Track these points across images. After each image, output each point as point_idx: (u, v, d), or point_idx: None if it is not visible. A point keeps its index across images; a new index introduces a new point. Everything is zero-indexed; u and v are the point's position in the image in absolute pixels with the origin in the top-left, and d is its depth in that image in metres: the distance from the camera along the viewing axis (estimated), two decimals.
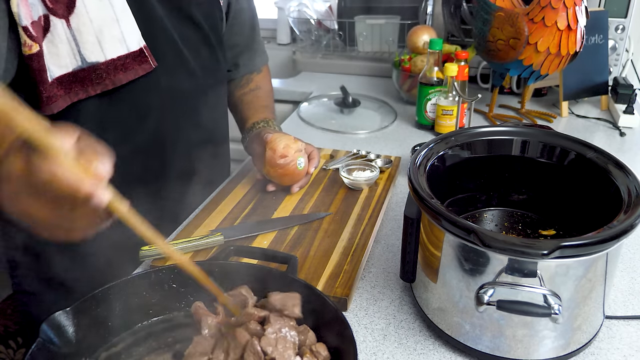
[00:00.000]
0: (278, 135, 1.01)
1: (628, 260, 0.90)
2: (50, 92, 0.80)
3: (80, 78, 0.83)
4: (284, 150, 0.98)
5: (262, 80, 1.24)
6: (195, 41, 0.98)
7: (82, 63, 0.82)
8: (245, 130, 1.15)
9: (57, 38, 0.79)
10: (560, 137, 0.82)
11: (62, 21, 0.79)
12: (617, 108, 1.44)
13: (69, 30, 0.79)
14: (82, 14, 0.80)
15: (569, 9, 1.17)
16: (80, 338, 0.64)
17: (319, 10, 1.99)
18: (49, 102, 0.80)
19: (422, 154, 0.77)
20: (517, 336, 0.66)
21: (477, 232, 0.61)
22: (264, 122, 1.12)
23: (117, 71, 0.85)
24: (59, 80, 0.81)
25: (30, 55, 0.77)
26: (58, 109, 0.82)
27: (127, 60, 0.86)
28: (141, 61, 0.87)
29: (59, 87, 0.81)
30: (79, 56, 0.82)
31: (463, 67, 1.32)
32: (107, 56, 0.83)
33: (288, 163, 0.99)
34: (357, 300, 0.81)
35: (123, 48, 0.85)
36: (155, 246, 0.66)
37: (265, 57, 1.26)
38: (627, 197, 0.68)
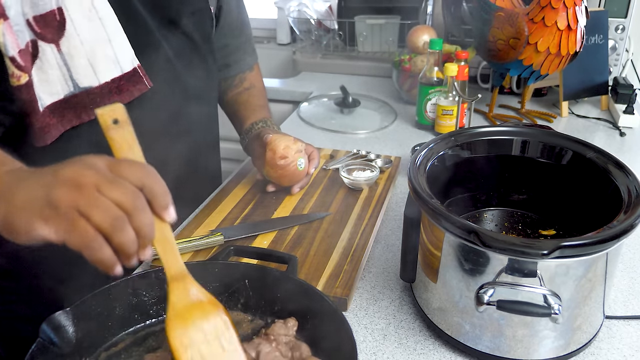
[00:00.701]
0: (278, 136, 1.01)
1: (628, 260, 0.90)
2: (43, 122, 0.76)
3: (73, 104, 0.78)
4: (284, 151, 0.98)
5: (255, 78, 1.22)
6: (188, 53, 0.95)
7: (74, 89, 0.78)
8: (243, 131, 1.14)
9: (47, 64, 0.74)
10: (560, 137, 0.82)
11: (51, 46, 0.74)
12: (617, 108, 1.44)
13: (60, 54, 0.75)
14: (72, 36, 0.76)
15: (569, 9, 1.17)
16: (80, 338, 0.64)
17: (319, 10, 1.99)
18: (42, 132, 0.76)
19: (422, 154, 0.77)
20: (517, 336, 0.66)
21: (477, 232, 0.61)
22: (262, 122, 1.12)
23: (112, 94, 0.81)
24: (50, 109, 0.77)
25: (19, 86, 0.72)
26: (52, 139, 0.78)
27: (122, 82, 0.82)
28: (135, 82, 0.83)
29: (51, 116, 0.77)
30: (70, 82, 0.77)
31: (463, 67, 1.32)
32: (100, 80, 0.79)
33: (288, 164, 0.99)
34: (357, 300, 0.81)
35: (117, 69, 0.81)
36: None
37: (255, 56, 1.22)
38: (627, 197, 0.68)
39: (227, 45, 1.13)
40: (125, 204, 0.48)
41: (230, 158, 1.86)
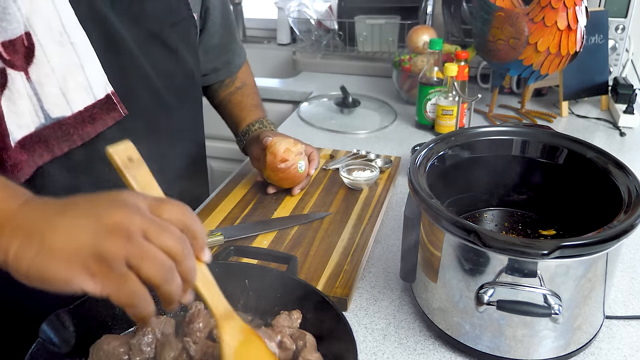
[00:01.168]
0: (278, 139, 1.00)
1: (628, 260, 0.90)
2: (15, 158, 0.69)
3: (45, 137, 0.72)
4: (284, 155, 0.98)
5: (245, 75, 1.19)
6: (169, 67, 0.90)
7: (45, 120, 0.71)
8: (240, 132, 1.12)
9: (16, 94, 0.68)
10: (560, 137, 0.82)
11: (20, 74, 0.68)
12: (617, 108, 1.44)
13: (29, 83, 0.69)
14: (42, 63, 0.70)
15: (569, 9, 1.17)
16: (80, 338, 0.64)
17: (319, 10, 1.99)
18: (15, 170, 0.69)
19: (422, 154, 0.77)
20: (517, 336, 0.66)
21: (477, 232, 0.61)
22: (258, 122, 1.11)
23: (85, 124, 0.75)
24: (21, 144, 0.70)
25: None
26: (25, 176, 0.71)
27: (95, 111, 0.76)
28: (109, 109, 0.78)
29: (22, 152, 0.70)
30: (41, 112, 0.71)
31: (463, 67, 1.32)
32: (73, 109, 0.73)
33: (289, 167, 0.99)
34: (357, 300, 0.81)
35: (90, 97, 0.75)
36: None
37: (243, 54, 1.19)
38: (627, 197, 0.68)
39: (213, 46, 1.09)
40: (174, 252, 0.46)
41: (230, 158, 1.86)
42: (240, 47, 1.17)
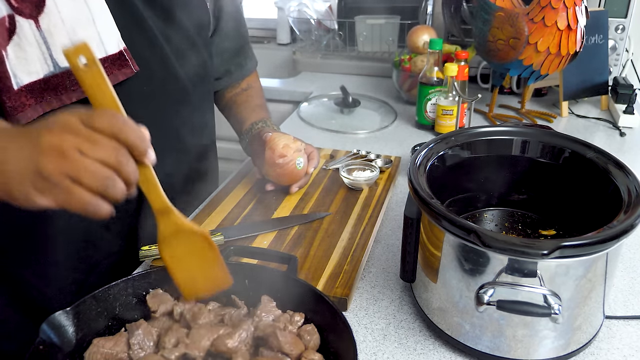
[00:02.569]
0: (277, 135, 1.01)
1: (628, 260, 0.90)
2: (17, 101, 0.72)
3: (54, 85, 0.75)
4: (283, 150, 0.98)
5: (252, 79, 1.21)
6: (181, 44, 0.92)
7: (54, 68, 0.74)
8: (243, 131, 1.13)
9: (25, 41, 0.71)
10: (560, 137, 0.82)
11: (29, 22, 0.71)
12: (617, 108, 1.44)
13: (39, 31, 0.72)
14: (52, 13, 0.72)
15: (569, 9, 1.17)
16: (80, 338, 0.64)
17: (319, 10, 1.99)
18: (14, 112, 0.72)
19: (422, 154, 0.77)
20: (517, 336, 0.66)
21: (477, 232, 0.61)
22: (262, 122, 1.12)
23: None
24: (28, 89, 0.73)
25: None
26: (26, 119, 0.74)
27: (106, 65, 0.78)
28: (121, 65, 0.80)
29: (29, 96, 0.73)
30: (50, 61, 0.74)
31: (463, 67, 1.32)
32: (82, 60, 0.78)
33: (287, 163, 0.99)
34: (357, 300, 0.81)
35: (100, 51, 0.77)
36: None
37: (255, 60, 1.22)
38: (627, 197, 0.68)
39: (227, 49, 1.11)
40: (110, 161, 0.51)
41: (230, 158, 1.86)
42: (252, 53, 1.20)
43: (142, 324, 0.65)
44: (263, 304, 0.67)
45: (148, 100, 0.88)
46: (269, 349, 0.62)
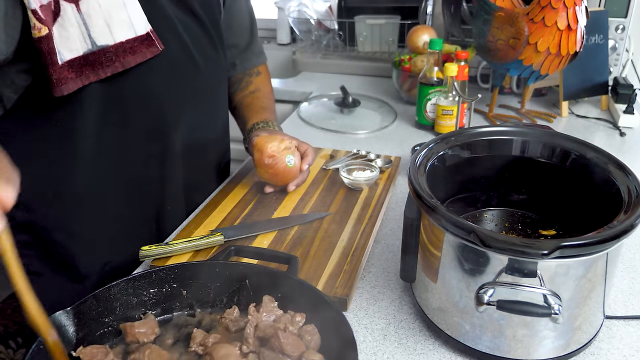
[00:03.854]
0: (265, 136, 1.02)
1: (628, 260, 0.90)
2: (61, 74, 0.82)
3: (91, 61, 0.85)
4: (270, 150, 0.99)
5: (262, 82, 1.25)
6: (195, 30, 1.00)
7: (92, 46, 0.84)
8: (245, 131, 1.16)
9: (68, 22, 0.81)
10: (560, 137, 0.82)
11: (72, 5, 0.81)
12: (617, 108, 1.44)
13: (79, 14, 0.82)
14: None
15: (569, 9, 1.17)
16: (81, 338, 0.64)
17: (319, 10, 1.99)
18: (58, 84, 0.82)
19: (422, 154, 0.77)
20: (517, 336, 0.66)
21: (477, 232, 0.61)
22: (263, 122, 1.12)
23: (126, 54, 0.87)
24: (69, 64, 0.83)
25: (40, 38, 0.79)
26: (68, 90, 0.84)
27: (135, 44, 0.88)
28: (149, 44, 0.89)
29: (70, 70, 0.83)
30: (89, 39, 0.84)
31: (463, 67, 1.32)
32: (116, 39, 0.86)
33: (277, 162, 0.99)
34: (357, 300, 0.81)
35: (131, 32, 0.87)
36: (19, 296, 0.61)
37: (263, 57, 1.27)
38: (627, 197, 0.68)
39: (237, 45, 1.19)
40: None
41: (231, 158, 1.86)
42: (260, 51, 1.27)
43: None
44: (264, 304, 0.68)
45: (169, 76, 0.96)
46: (270, 350, 0.62)
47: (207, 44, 1.03)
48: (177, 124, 0.99)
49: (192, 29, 0.99)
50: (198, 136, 1.06)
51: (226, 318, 0.68)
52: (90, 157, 0.91)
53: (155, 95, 0.95)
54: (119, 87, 0.89)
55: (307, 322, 0.66)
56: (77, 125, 0.89)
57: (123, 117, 0.92)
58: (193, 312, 0.72)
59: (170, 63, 0.95)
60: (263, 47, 1.30)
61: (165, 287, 0.71)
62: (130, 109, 0.93)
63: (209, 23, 1.03)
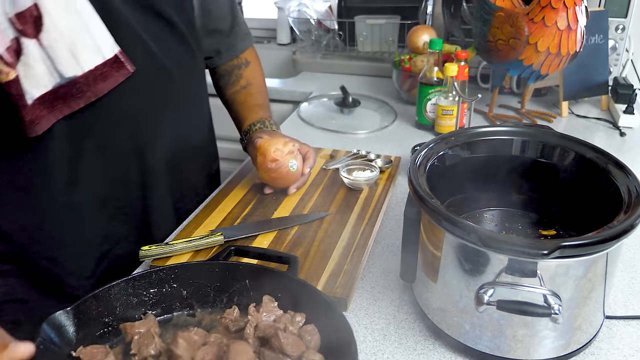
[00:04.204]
0: (268, 139, 1.01)
1: (628, 260, 0.90)
2: (33, 114, 0.79)
3: (62, 94, 0.81)
4: (274, 154, 0.98)
5: (252, 74, 1.20)
6: (168, 39, 0.95)
7: (60, 79, 0.80)
8: (242, 132, 1.14)
9: (32, 59, 0.77)
10: (560, 137, 0.82)
11: (33, 41, 0.77)
12: (617, 108, 1.44)
13: (42, 48, 0.77)
14: (51, 30, 0.77)
15: (569, 9, 1.17)
16: (81, 338, 0.64)
17: (319, 10, 1.99)
18: (32, 124, 0.79)
19: (422, 154, 0.77)
20: (517, 336, 0.66)
21: (477, 232, 0.61)
22: (260, 122, 1.11)
23: (97, 82, 0.83)
24: (40, 101, 0.79)
25: (8, 82, 0.75)
26: (42, 129, 0.81)
27: (105, 69, 0.83)
28: (119, 67, 0.85)
29: (42, 108, 0.80)
30: (56, 73, 0.79)
31: (463, 67, 1.32)
32: (84, 68, 0.81)
33: (280, 167, 0.99)
34: (357, 300, 0.81)
35: (99, 57, 0.82)
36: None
37: (249, 40, 1.20)
38: (627, 197, 0.68)
39: (218, 30, 1.11)
40: None
41: (230, 158, 1.86)
42: (245, 33, 1.18)
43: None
44: (264, 304, 0.68)
45: (144, 94, 0.92)
46: (271, 350, 0.62)
47: (182, 50, 0.98)
48: (156, 140, 0.96)
49: (164, 38, 0.94)
50: (181, 146, 1.03)
51: (226, 318, 0.68)
52: (67, 185, 0.88)
53: (130, 116, 0.91)
54: (90, 114, 0.85)
55: (307, 322, 0.66)
56: (50, 157, 0.85)
57: (97, 143, 0.88)
58: (193, 312, 0.72)
59: (143, 80, 0.90)
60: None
61: (165, 287, 0.71)
62: (104, 134, 0.89)
63: (184, 27, 0.97)
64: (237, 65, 1.18)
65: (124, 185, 0.94)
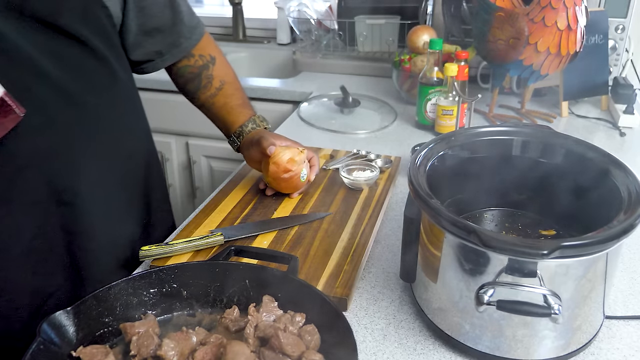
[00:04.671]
0: (281, 148, 0.99)
1: (628, 260, 0.90)
2: None
3: None
4: (288, 165, 0.98)
5: (222, 71, 1.09)
6: (77, 60, 0.80)
7: None
8: (232, 134, 1.07)
9: None
10: (560, 137, 0.82)
11: None
12: (617, 108, 1.44)
13: None
14: None
15: (569, 9, 1.17)
16: (81, 338, 0.64)
17: (319, 10, 1.99)
18: None
19: (422, 154, 0.77)
20: (517, 336, 0.66)
21: (477, 232, 0.61)
22: (251, 122, 1.06)
23: None
24: None
25: None
26: None
27: None
28: (6, 113, 0.70)
29: None
30: None
31: (463, 67, 1.32)
32: None
33: (292, 177, 0.99)
34: (357, 300, 0.81)
35: None
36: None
37: (197, 32, 1.03)
38: (627, 197, 0.68)
39: (158, 28, 0.96)
40: None
41: (231, 158, 1.86)
42: (191, 27, 1.01)
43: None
44: (264, 304, 0.68)
45: (50, 132, 0.79)
46: (271, 350, 0.62)
47: (98, 72, 0.84)
48: (79, 177, 0.83)
49: (72, 61, 0.80)
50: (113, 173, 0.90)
51: (226, 318, 0.68)
52: None
53: (40, 158, 0.78)
54: None
55: (307, 322, 0.66)
56: None
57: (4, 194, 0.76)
58: (193, 312, 0.72)
59: (49, 117, 0.77)
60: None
61: (165, 287, 0.71)
62: (7, 186, 0.76)
63: (104, 46, 0.83)
64: (204, 66, 1.06)
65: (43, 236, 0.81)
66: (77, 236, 0.85)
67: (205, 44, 1.07)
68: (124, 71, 0.91)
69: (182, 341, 0.63)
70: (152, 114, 1.08)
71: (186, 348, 0.63)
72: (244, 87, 1.14)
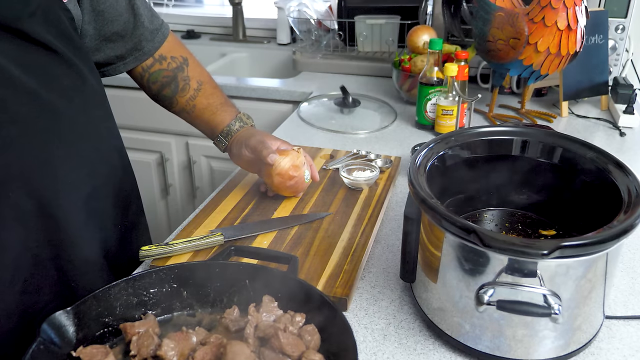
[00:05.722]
0: (280, 157, 0.97)
1: (628, 260, 0.90)
2: None
3: None
4: (291, 172, 0.97)
5: (196, 72, 1.05)
6: (45, 66, 0.77)
7: None
8: (219, 133, 1.04)
9: None
10: (560, 137, 0.82)
11: None
12: (617, 108, 1.44)
13: None
14: None
15: (569, 9, 1.17)
16: (81, 338, 0.64)
17: (319, 10, 1.99)
18: None
19: (422, 154, 0.77)
20: (517, 336, 0.66)
21: (477, 232, 0.61)
22: (237, 120, 1.04)
23: None
24: None
25: None
26: None
27: None
28: None
29: None
30: None
31: (463, 67, 1.32)
32: None
33: (297, 182, 0.99)
34: (357, 300, 0.81)
35: None
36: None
37: (160, 34, 0.99)
38: (627, 197, 0.68)
39: (117, 32, 0.93)
40: None
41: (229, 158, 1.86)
42: (153, 29, 0.98)
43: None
44: (264, 304, 0.68)
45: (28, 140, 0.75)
46: (271, 350, 0.62)
47: (73, 78, 0.81)
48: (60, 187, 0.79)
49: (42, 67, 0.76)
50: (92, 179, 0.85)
51: (226, 318, 0.68)
52: None
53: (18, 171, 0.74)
54: None
55: (307, 322, 0.66)
56: None
57: None
58: (193, 312, 0.72)
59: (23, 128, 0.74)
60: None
61: (165, 287, 0.71)
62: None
63: (69, 50, 0.80)
64: (178, 68, 1.02)
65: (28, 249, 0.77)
66: (62, 248, 0.81)
67: (173, 45, 1.03)
68: (92, 75, 0.87)
69: (182, 341, 0.63)
70: (152, 114, 1.08)
71: (186, 348, 0.63)
72: (244, 87, 1.13)
